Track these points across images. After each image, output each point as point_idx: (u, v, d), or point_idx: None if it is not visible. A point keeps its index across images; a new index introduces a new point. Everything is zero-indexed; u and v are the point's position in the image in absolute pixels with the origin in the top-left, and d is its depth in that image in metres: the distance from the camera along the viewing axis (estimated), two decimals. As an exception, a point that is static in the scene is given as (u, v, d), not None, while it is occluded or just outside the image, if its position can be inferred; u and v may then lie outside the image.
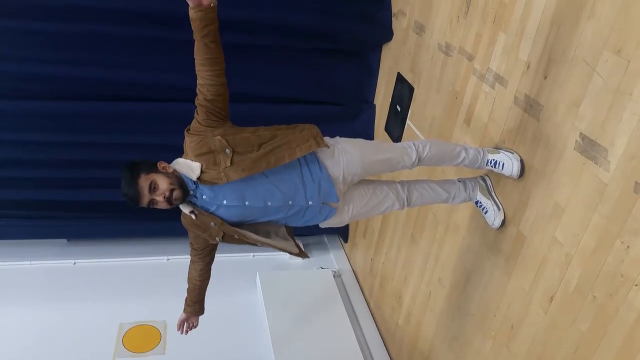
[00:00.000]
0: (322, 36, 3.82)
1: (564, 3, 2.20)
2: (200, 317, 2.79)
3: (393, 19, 3.83)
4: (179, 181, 2.10)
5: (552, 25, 2.26)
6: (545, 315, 2.30)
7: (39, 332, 3.78)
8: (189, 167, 2.11)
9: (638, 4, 1.85)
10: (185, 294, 2.69)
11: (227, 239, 2.27)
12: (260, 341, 3.85)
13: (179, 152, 2.22)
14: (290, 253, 2.41)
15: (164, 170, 2.11)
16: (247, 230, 2.27)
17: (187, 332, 2.78)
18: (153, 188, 2.06)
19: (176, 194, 2.08)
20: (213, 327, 3.18)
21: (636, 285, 1.85)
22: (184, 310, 2.72)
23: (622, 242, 1.91)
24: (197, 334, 2.89)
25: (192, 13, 1.95)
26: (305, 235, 4.90)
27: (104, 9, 3.38)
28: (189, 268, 2.58)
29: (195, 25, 1.98)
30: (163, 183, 2.06)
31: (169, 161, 2.19)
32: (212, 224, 2.20)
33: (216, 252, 2.57)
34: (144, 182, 2.05)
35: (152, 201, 2.08)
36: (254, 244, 2.31)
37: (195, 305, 2.70)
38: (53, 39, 3.45)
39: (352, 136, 2.46)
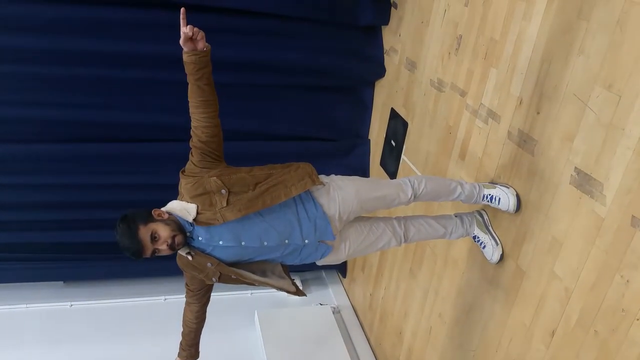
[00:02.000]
0: (316, 73, 3.86)
1: (554, 39, 2.23)
2: (199, 357, 2.75)
3: (385, 55, 3.88)
4: (178, 226, 2.08)
5: (543, 61, 2.29)
6: (547, 351, 2.27)
7: (35, 377, 3.72)
8: (184, 209, 2.10)
9: (626, 39, 1.88)
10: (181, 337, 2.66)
11: (224, 279, 2.26)
12: (259, 381, 3.80)
13: (177, 192, 2.22)
14: (288, 292, 2.39)
15: (160, 218, 2.08)
16: (243, 270, 2.26)
17: None
18: (154, 238, 2.03)
19: (178, 239, 2.06)
20: (212, 368, 3.15)
21: (638, 319, 1.84)
22: (179, 355, 2.67)
23: (621, 276, 1.90)
24: (196, 375, 2.85)
25: (186, 57, 1.99)
26: (303, 271, 4.87)
27: (102, 53, 3.41)
28: (184, 310, 2.55)
29: (189, 69, 2.01)
30: (164, 231, 2.04)
31: (164, 203, 2.18)
32: (209, 264, 2.19)
33: (213, 290, 2.54)
34: (144, 233, 2.01)
35: (155, 251, 2.06)
36: (251, 283, 2.29)
37: (190, 349, 2.65)
38: (52, 83, 3.48)
39: (348, 171, 2.47)
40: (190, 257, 2.18)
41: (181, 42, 1.95)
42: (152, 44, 3.44)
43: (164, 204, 2.18)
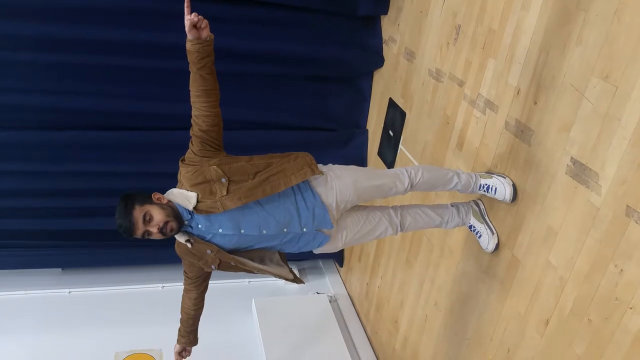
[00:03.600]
0: (315, 63, 3.87)
1: (551, 30, 2.24)
2: (198, 344, 2.77)
3: (384, 45, 3.88)
4: (174, 212, 2.11)
5: (541, 52, 2.30)
6: (542, 339, 2.30)
7: (34, 363, 3.74)
8: (184, 197, 2.12)
9: (623, 30, 1.90)
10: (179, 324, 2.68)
11: (223, 266, 2.28)
12: (256, 368, 3.83)
13: (176, 180, 2.24)
14: (286, 279, 2.41)
15: (159, 202, 2.11)
16: (242, 257, 2.27)
17: None
18: (147, 219, 2.06)
19: (170, 225, 2.09)
20: (209, 355, 3.16)
21: (631, 308, 1.86)
22: (178, 341, 2.70)
23: (615, 266, 1.92)
24: (194, 362, 2.87)
25: (189, 45, 2.00)
26: (300, 260, 4.90)
27: (101, 40, 3.41)
28: (183, 297, 2.57)
29: (192, 58, 2.02)
30: (157, 214, 2.07)
31: (164, 191, 2.20)
32: (209, 251, 2.20)
33: (211, 278, 2.56)
34: (138, 213, 2.05)
35: (146, 232, 2.08)
36: (249, 271, 2.31)
37: (189, 336, 2.68)
38: (49, 70, 3.48)
39: (345, 161, 2.48)
40: (189, 245, 2.20)
41: (186, 29, 1.96)
42: (153, 32, 3.44)
43: (163, 192, 2.20)
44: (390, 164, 3.76)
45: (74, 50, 3.42)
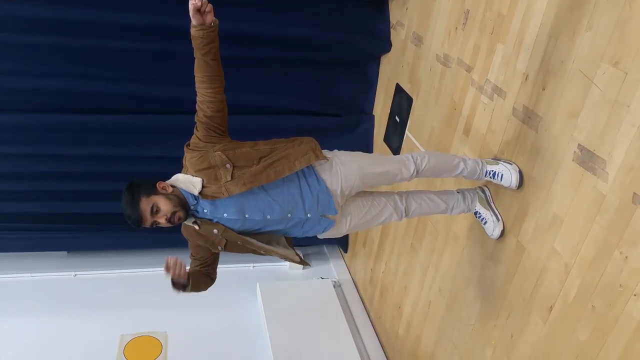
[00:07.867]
0: (321, 48, 3.84)
1: (561, 15, 2.22)
2: (202, 327, 2.75)
3: (391, 30, 3.86)
4: (180, 201, 2.11)
5: (550, 37, 2.28)
6: (545, 325, 2.30)
7: (40, 344, 3.78)
8: (190, 182, 2.12)
9: (635, 16, 1.87)
10: (188, 292, 2.36)
11: (230, 246, 2.27)
12: (261, 351, 3.85)
13: (180, 164, 2.24)
14: (292, 261, 2.41)
15: (164, 191, 2.11)
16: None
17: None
18: (155, 211, 2.07)
19: (178, 215, 2.10)
20: (214, 338, 3.18)
21: (635, 295, 1.86)
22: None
23: (620, 253, 1.92)
24: (198, 344, 2.89)
25: (194, 31, 1.99)
26: (305, 246, 4.91)
27: (106, 23, 3.40)
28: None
29: (196, 43, 2.01)
30: (164, 205, 2.07)
31: (169, 175, 2.20)
32: (215, 231, 2.20)
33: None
34: (145, 205, 2.06)
35: (154, 222, 2.10)
36: (256, 251, 2.31)
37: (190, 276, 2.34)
38: (54, 53, 3.47)
39: (351, 147, 2.47)
40: (197, 227, 2.20)
41: (190, 13, 1.95)
42: (162, 16, 3.43)
43: (168, 177, 2.20)
44: (396, 150, 3.75)
45: (79, 33, 3.41)
